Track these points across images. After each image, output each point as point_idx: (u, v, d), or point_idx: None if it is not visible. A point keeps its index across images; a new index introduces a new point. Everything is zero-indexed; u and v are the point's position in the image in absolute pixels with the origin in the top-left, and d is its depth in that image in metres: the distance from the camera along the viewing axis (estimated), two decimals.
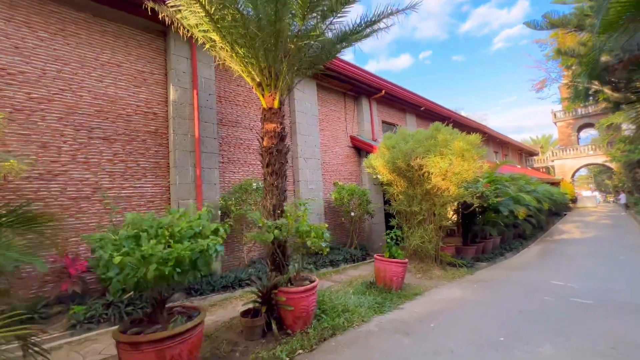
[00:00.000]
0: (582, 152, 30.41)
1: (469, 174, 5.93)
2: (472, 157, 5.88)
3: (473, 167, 5.85)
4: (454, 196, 6.44)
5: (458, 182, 6.25)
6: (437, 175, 6.23)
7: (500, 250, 10.37)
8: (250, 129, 7.95)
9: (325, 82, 9.99)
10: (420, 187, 6.51)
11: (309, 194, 8.87)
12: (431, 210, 6.51)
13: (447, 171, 6.05)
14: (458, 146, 5.90)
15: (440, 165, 5.98)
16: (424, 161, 6.24)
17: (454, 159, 5.87)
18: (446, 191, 6.47)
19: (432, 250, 6.48)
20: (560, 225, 18.17)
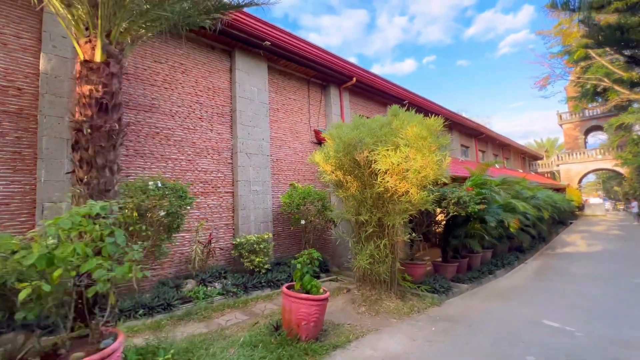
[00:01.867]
0: (589, 157, 28.45)
1: (427, 172, 4.33)
2: (429, 147, 4.29)
3: (429, 161, 4.24)
4: (415, 202, 4.84)
5: (419, 183, 4.65)
6: (390, 173, 4.65)
7: (489, 267, 8.68)
8: (173, 116, 6.45)
9: (280, 64, 8.47)
10: (370, 189, 4.92)
11: (252, 198, 7.32)
12: (384, 221, 4.91)
13: (400, 168, 4.47)
14: (412, 133, 4.32)
15: (391, 159, 4.39)
16: (373, 155, 4.66)
17: (409, 151, 4.29)
18: (404, 195, 4.88)
19: (385, 274, 4.87)
20: (565, 236, 16.36)
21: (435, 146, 4.40)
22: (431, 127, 4.43)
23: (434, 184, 5.68)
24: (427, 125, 4.42)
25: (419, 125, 4.35)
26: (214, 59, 7.25)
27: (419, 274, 6.68)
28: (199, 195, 6.64)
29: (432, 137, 4.35)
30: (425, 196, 4.83)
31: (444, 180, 4.64)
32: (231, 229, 7.09)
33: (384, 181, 4.68)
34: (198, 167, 6.71)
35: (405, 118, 4.69)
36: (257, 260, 6.41)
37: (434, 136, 4.39)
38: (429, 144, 4.29)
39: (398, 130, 4.56)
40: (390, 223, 4.84)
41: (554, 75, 19.69)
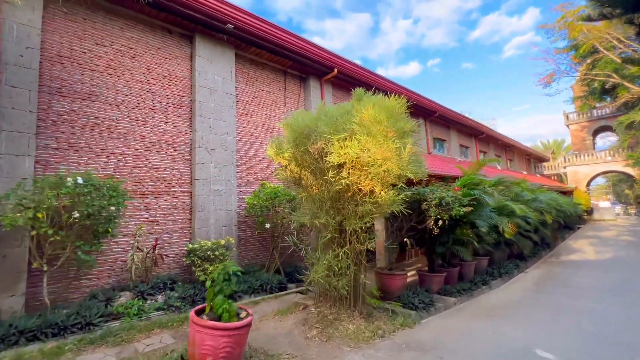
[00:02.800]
0: (598, 158, 27.17)
1: (389, 165, 3.51)
2: (385, 133, 3.46)
3: (384, 150, 3.41)
4: (382, 203, 4.02)
5: (383, 179, 3.83)
6: (348, 168, 3.84)
7: (484, 277, 7.77)
8: (118, 105, 5.73)
9: (251, 52, 7.74)
10: (328, 187, 4.12)
11: (212, 198, 6.56)
12: (345, 226, 4.09)
13: (360, 161, 3.66)
14: (367, 117, 3.51)
15: (347, 150, 3.58)
16: (329, 146, 3.86)
17: (366, 140, 3.48)
18: (369, 195, 4.06)
19: (344, 289, 4.05)
20: (571, 242, 15.30)
21: (393, 132, 3.58)
22: (391, 109, 3.62)
23: (409, 183, 4.87)
24: (386, 106, 3.61)
25: (374, 107, 3.54)
26: (171, 44, 6.55)
27: (396, 286, 5.83)
28: (148, 195, 5.90)
29: (390, 121, 3.53)
30: (393, 196, 4.00)
31: (408, 174, 3.80)
32: (188, 233, 6.33)
33: (341, 177, 3.87)
34: (148, 164, 5.98)
35: (370, 102, 3.89)
36: (210, 269, 5.62)
37: (392, 120, 3.57)
38: (385, 129, 3.47)
39: (355, 116, 3.76)
40: (350, 227, 4.02)
41: (559, 71, 18.69)
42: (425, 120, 14.01)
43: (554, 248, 13.22)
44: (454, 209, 5.30)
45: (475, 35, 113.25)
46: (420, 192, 5.46)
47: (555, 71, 18.74)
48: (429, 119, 14.07)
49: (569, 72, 18.84)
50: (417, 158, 4.24)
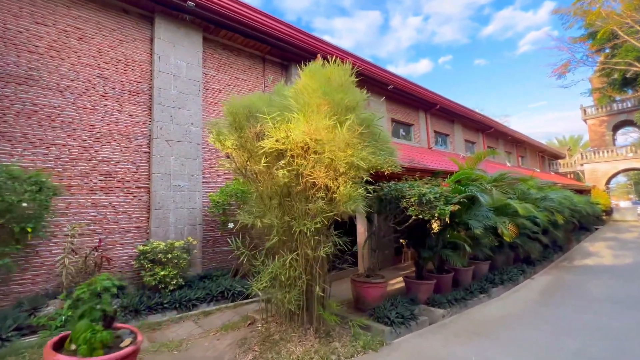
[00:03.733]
0: (618, 155, 25.40)
1: (332, 148, 2.75)
2: (317, 106, 2.71)
3: (317, 127, 2.66)
4: (339, 200, 3.28)
5: (336, 170, 3.09)
6: (292, 155, 3.12)
7: (483, 284, 6.91)
8: (62, 92, 5.17)
9: (222, 36, 7.09)
10: (272, 181, 3.42)
11: (173, 195, 5.94)
12: (294, 227, 3.38)
13: (305, 146, 2.93)
14: (301, 87, 2.78)
15: (282, 133, 2.85)
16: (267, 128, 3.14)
17: (296, 118, 2.74)
18: (322, 190, 3.34)
19: (291, 303, 3.33)
20: (587, 244, 14.09)
21: (327, 105, 2.82)
22: (330, 77, 2.86)
23: (380, 176, 4.11)
24: (323, 75, 2.85)
25: (307, 76, 2.81)
26: (127, 25, 5.95)
27: (373, 296, 5.08)
28: (97, 191, 5.33)
29: (326, 91, 2.78)
30: (351, 191, 3.26)
31: (359, 162, 3.03)
32: (145, 233, 5.74)
33: (279, 167, 3.16)
34: (98, 156, 5.40)
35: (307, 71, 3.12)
36: (161, 274, 5.01)
37: (329, 90, 2.81)
38: (318, 101, 2.73)
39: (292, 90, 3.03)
40: (298, 228, 3.30)
41: (575, 60, 17.32)
42: (426, 113, 13.09)
43: (567, 251, 12.12)
44: (438, 207, 4.50)
45: (488, 31, 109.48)
46: (398, 187, 4.68)
47: (571, 60, 17.40)
48: (429, 112, 13.15)
49: (585, 61, 17.45)
50: (383, 145, 3.48)
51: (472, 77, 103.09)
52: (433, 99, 12.45)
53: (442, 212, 4.50)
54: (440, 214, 4.51)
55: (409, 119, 12.30)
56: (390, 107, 11.42)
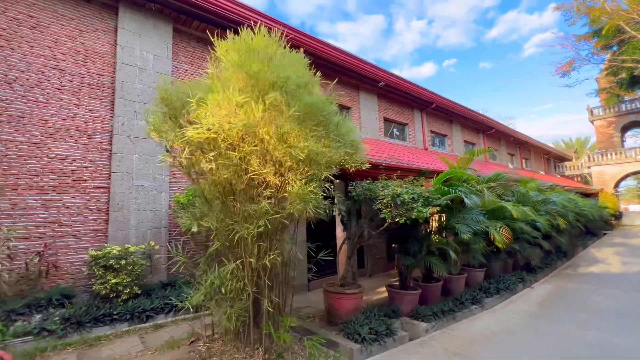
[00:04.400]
0: (627, 157, 24.46)
1: (268, 138, 2.27)
2: (235, 80, 2.22)
3: (233, 109, 2.17)
4: (291, 199, 2.80)
5: (281, 165, 2.62)
6: (229, 146, 2.64)
7: (476, 293, 6.34)
8: (10, 83, 4.79)
9: (196, 28, 6.69)
10: (213, 178, 2.95)
11: (135, 195, 5.51)
12: (237, 230, 2.89)
13: (230, 135, 2.45)
14: (226, 61, 2.30)
15: (209, 118, 2.36)
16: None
17: (213, 98, 2.26)
18: (269, 189, 2.86)
19: (231, 320, 2.84)
20: (594, 250, 13.35)
21: (243, 79, 2.34)
22: (255, 48, 2.37)
23: (356, 175, 3.62)
24: (247, 45, 2.36)
25: (231, 47, 2.33)
26: (88, 14, 5.58)
27: (346, 308, 4.56)
28: (49, 191, 4.91)
29: (241, 62, 2.28)
30: (302, 190, 2.77)
31: (298, 154, 2.54)
32: (103, 236, 5.31)
33: (208, 160, 2.69)
34: (50, 153, 5.00)
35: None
36: (112, 281, 4.56)
37: (243, 62, 2.31)
38: (236, 76, 2.25)
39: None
40: (243, 233, 2.82)
41: (579, 58, 16.63)
42: (422, 112, 12.56)
43: (571, 258, 11.43)
44: (416, 209, 3.98)
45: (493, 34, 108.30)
46: (371, 187, 4.17)
47: (575, 58, 16.70)
48: (425, 111, 12.62)
49: (591, 59, 16.75)
50: (343, 138, 3.00)
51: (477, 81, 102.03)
52: (428, 97, 11.93)
53: (420, 214, 3.98)
54: (418, 216, 3.99)
55: (403, 118, 11.79)
56: (382, 105, 10.92)
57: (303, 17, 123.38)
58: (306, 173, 2.98)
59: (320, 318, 5.00)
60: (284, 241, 3.07)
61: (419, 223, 5.32)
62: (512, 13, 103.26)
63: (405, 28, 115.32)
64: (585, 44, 16.55)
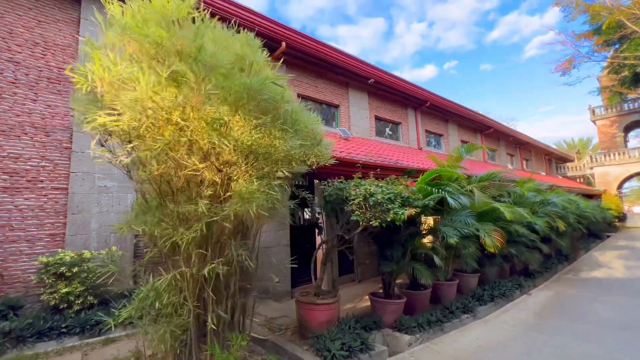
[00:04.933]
0: (631, 157, 23.88)
1: (192, 124, 1.86)
2: (146, 51, 1.80)
3: (146, 86, 1.78)
4: (238, 199, 2.40)
5: (217, 158, 2.22)
6: (153, 133, 2.23)
7: (468, 301, 5.90)
8: None
9: None
10: (147, 175, 2.56)
11: (97, 197, 5.13)
12: (174, 237, 2.50)
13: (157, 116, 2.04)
14: (120, 26, 1.91)
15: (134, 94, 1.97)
16: None
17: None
18: (210, 187, 2.47)
19: (164, 340, 2.44)
20: (597, 254, 12.83)
21: (134, 44, 1.93)
22: (160, 11, 1.96)
23: (317, 171, 3.22)
24: (160, 5, 1.96)
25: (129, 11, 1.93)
26: (48, 4, 5.24)
27: (319, 320, 4.13)
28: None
29: (143, 26, 1.88)
30: (250, 189, 2.37)
31: (223, 144, 2.12)
32: (61, 241, 4.92)
33: (128, 151, 2.31)
34: (2, 152, 4.63)
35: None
36: (63, 290, 4.17)
37: (147, 25, 1.91)
38: (122, 40, 1.84)
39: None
40: (176, 240, 2.43)
41: (579, 56, 16.19)
42: (416, 111, 12.15)
43: (573, 261, 10.94)
44: (392, 211, 3.56)
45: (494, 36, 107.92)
46: (342, 186, 3.76)
47: (575, 55, 16.26)
48: (419, 110, 12.21)
49: (591, 56, 16.30)
50: (294, 128, 2.61)
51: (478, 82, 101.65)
52: (422, 95, 11.53)
53: (397, 216, 3.56)
54: (395, 219, 3.57)
55: (396, 116, 11.38)
56: (374, 104, 10.52)
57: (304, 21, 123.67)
58: (256, 169, 2.59)
59: (294, 330, 4.58)
60: (233, 247, 2.66)
61: (403, 226, 4.90)
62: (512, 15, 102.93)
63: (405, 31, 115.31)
64: (585, 41, 16.12)
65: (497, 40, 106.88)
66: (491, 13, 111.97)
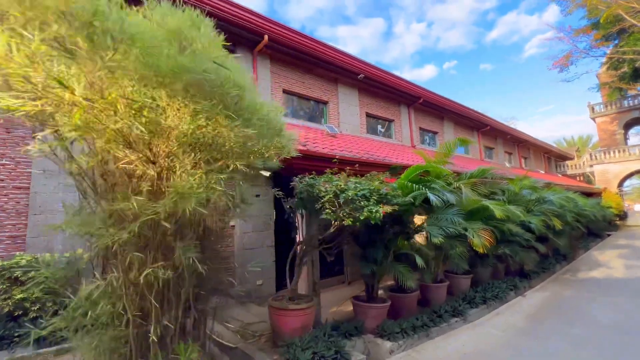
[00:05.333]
0: (631, 155, 23.52)
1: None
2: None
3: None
4: (176, 193, 2.12)
5: (153, 148, 1.94)
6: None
7: (457, 304, 5.60)
8: None
9: None
10: (74, 164, 2.29)
11: (62, 196, 4.86)
12: (100, 238, 2.23)
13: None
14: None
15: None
16: None
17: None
18: (149, 180, 2.19)
19: (102, 355, 2.16)
20: (597, 253, 12.51)
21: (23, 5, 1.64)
22: None
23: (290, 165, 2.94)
24: None
25: None
26: None
27: (292, 327, 3.84)
28: None
29: None
30: (190, 184, 2.09)
31: (138, 129, 1.82)
32: (22, 243, 4.65)
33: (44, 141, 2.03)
34: None
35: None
36: (18, 296, 3.89)
37: None
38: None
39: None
40: (107, 242, 2.15)
41: (577, 51, 15.87)
42: (409, 107, 11.86)
43: (571, 261, 10.62)
44: (366, 209, 3.27)
45: (493, 35, 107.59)
46: (312, 182, 3.47)
47: (573, 51, 15.94)
48: (412, 107, 11.91)
49: (589, 51, 15.97)
50: (251, 115, 2.33)
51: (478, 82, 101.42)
52: (415, 91, 11.24)
53: (371, 215, 3.26)
54: (369, 217, 3.27)
55: (388, 114, 11.10)
56: (364, 100, 10.23)
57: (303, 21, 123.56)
58: (204, 162, 2.30)
59: (268, 337, 4.29)
60: (180, 250, 2.38)
61: (388, 225, 4.61)
62: (511, 15, 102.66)
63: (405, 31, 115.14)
64: (583, 36, 15.80)
65: (496, 40, 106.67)
66: (490, 13, 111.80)
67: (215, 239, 3.14)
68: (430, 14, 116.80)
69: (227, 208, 2.76)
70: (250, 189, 3.28)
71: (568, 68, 16.31)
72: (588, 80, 58.87)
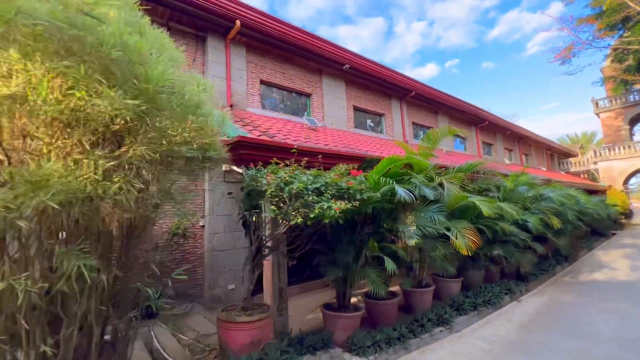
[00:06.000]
0: (637, 151, 22.76)
1: None
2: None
3: None
4: (25, 181, 1.63)
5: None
6: None
7: (444, 310, 5.07)
8: None
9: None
10: None
11: None
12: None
13: None
14: None
15: None
16: None
17: None
18: (51, 170, 1.70)
19: None
20: (600, 253, 11.87)
21: None
22: None
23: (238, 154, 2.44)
24: None
25: None
26: None
27: (240, 342, 3.33)
28: None
29: None
30: (44, 171, 1.60)
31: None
32: None
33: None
34: None
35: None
36: None
37: None
38: None
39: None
40: None
41: (579, 42, 15.19)
42: (401, 101, 11.30)
43: (573, 262, 10.01)
44: (317, 206, 2.75)
45: (495, 33, 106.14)
46: (255, 174, 2.96)
47: (575, 42, 15.27)
48: (405, 100, 11.36)
49: (592, 42, 15.28)
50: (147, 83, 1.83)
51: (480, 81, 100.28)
52: (406, 83, 10.68)
53: (325, 212, 2.74)
54: (323, 215, 2.75)
55: (378, 107, 10.55)
56: (352, 93, 9.69)
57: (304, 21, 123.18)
58: (86, 145, 1.81)
59: (219, 352, 3.79)
60: (59, 254, 1.88)
61: (357, 224, 4.10)
62: (513, 12, 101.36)
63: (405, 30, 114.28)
64: (586, 26, 15.11)
65: (498, 38, 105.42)
66: (491, 11, 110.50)
67: (136, 242, 2.65)
68: (431, 13, 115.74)
69: (142, 204, 2.26)
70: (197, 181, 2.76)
71: (570, 60, 15.64)
72: (591, 74, 57.74)
